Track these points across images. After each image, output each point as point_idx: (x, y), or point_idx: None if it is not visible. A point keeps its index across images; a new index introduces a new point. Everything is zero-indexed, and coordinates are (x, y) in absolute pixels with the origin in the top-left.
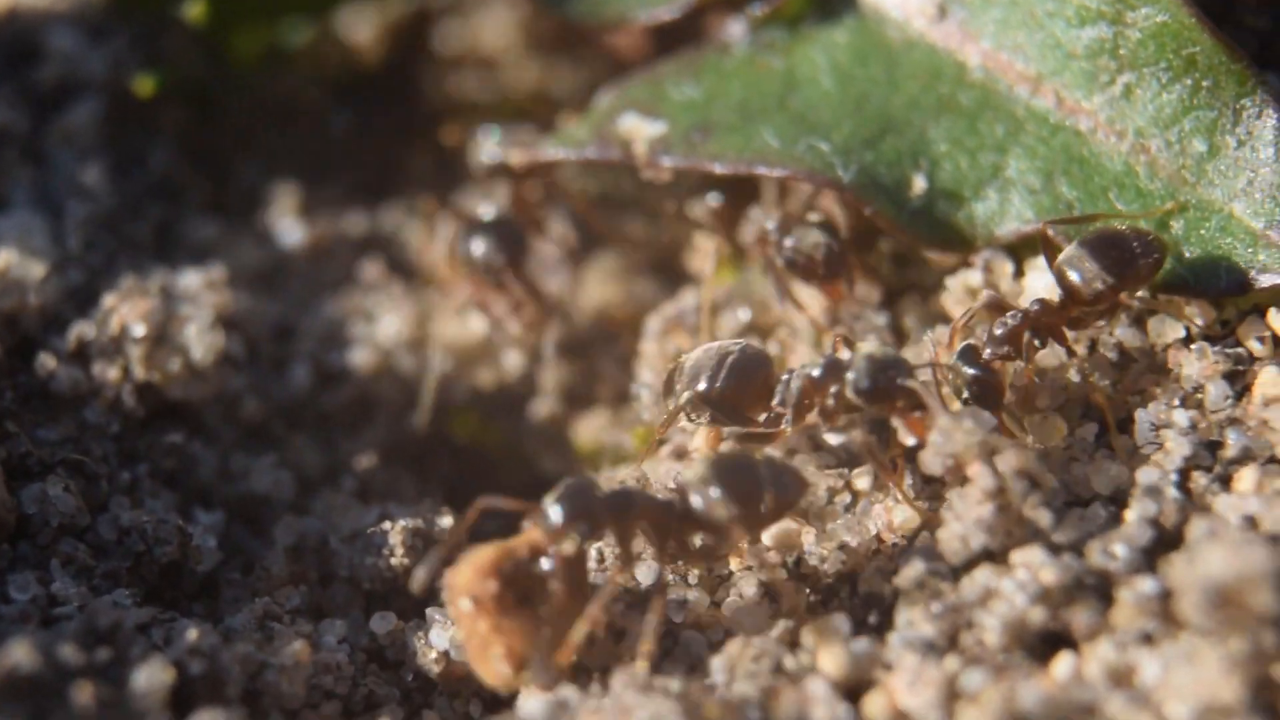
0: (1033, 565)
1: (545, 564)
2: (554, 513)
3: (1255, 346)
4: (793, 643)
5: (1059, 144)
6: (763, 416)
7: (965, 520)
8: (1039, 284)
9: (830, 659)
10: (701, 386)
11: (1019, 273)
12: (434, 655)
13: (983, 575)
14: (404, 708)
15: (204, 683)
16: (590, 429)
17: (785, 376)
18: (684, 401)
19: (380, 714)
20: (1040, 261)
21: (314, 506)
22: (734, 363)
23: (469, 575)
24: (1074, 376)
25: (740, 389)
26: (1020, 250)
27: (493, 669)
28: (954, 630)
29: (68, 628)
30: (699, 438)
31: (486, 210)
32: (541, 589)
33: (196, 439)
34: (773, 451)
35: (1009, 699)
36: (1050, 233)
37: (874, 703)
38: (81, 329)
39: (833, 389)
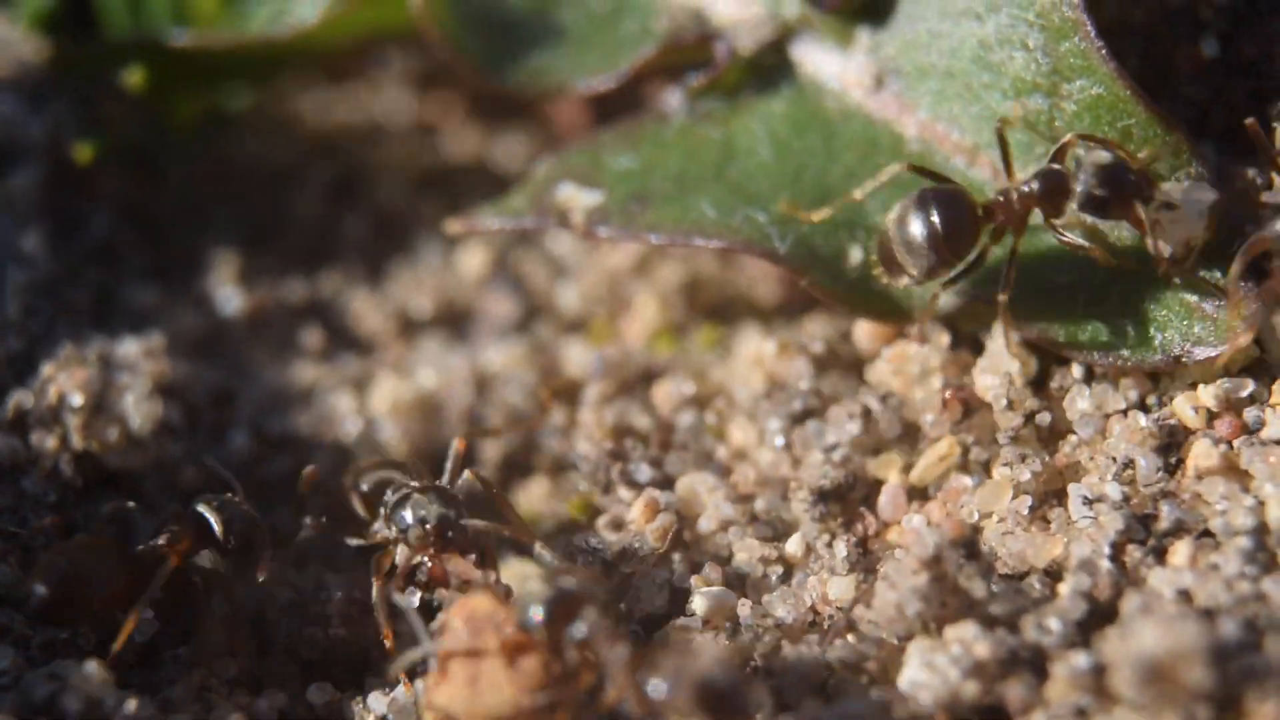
0: (966, 640)
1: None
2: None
3: (1189, 419)
4: None
5: None
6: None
7: (900, 589)
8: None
9: None
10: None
11: (955, 342)
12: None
13: (917, 649)
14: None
15: None
16: (529, 498)
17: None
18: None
19: None
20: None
21: (251, 573)
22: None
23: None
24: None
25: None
26: (957, 320)
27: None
28: (888, 705)
29: (4, 699)
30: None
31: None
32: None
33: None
34: None
35: None
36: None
37: None
38: (19, 398)
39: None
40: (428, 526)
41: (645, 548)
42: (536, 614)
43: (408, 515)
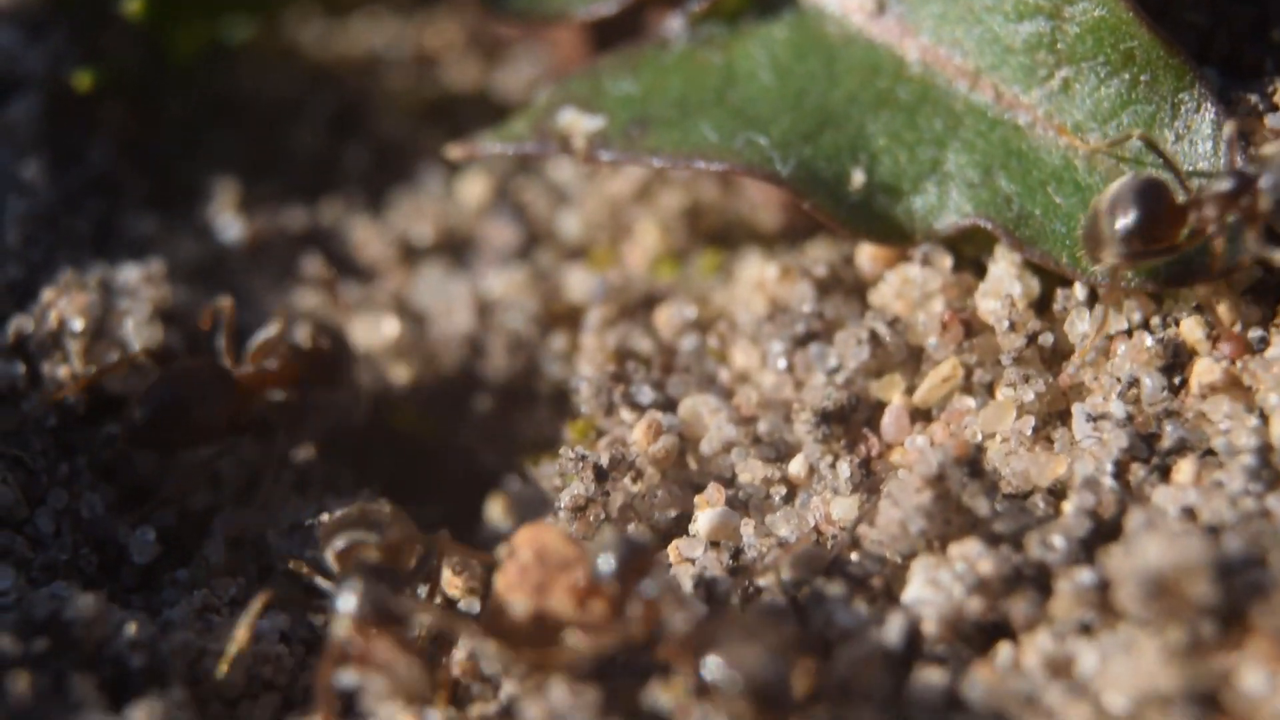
0: (970, 557)
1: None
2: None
3: (1192, 339)
4: None
5: (997, 138)
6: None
7: (904, 507)
8: (1001, 272)
9: None
10: (1122, 223)
11: (957, 265)
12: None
13: (921, 566)
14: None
15: (144, 674)
16: (531, 423)
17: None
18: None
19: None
20: (1003, 252)
21: (252, 499)
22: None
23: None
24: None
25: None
26: (959, 244)
27: None
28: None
29: (5, 619)
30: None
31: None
32: None
33: None
34: None
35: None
36: None
37: None
38: (20, 323)
39: (1244, 202)
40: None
41: (646, 465)
42: (608, 563)
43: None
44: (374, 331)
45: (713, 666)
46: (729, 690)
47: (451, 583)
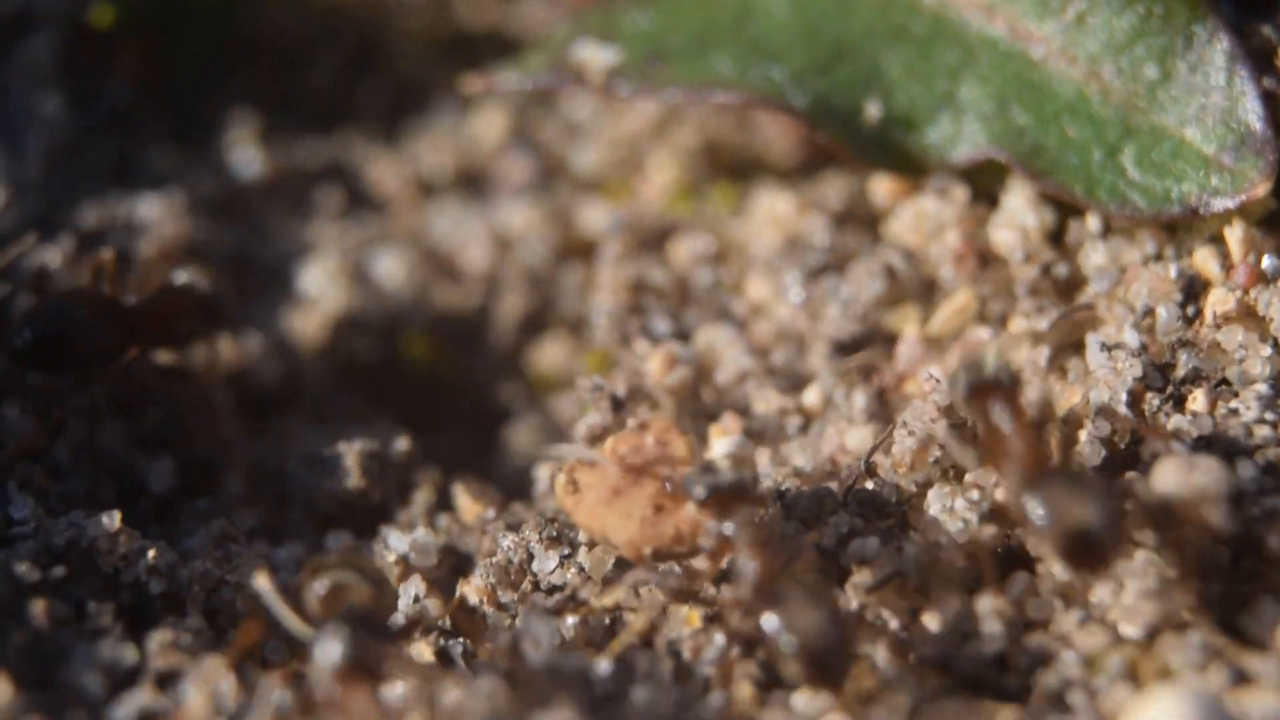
0: (985, 485)
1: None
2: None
3: (1206, 269)
4: None
5: (1011, 71)
6: None
7: (920, 435)
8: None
9: None
10: None
11: (972, 198)
12: (393, 559)
13: (936, 495)
14: None
15: (162, 601)
16: (547, 356)
17: None
18: None
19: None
20: (1018, 184)
21: (270, 430)
22: None
23: None
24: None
25: None
26: (974, 176)
27: None
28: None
29: (24, 547)
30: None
31: None
32: None
33: None
34: None
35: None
36: None
37: None
38: (42, 256)
39: None
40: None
41: (662, 395)
42: (699, 491)
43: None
44: (391, 266)
45: (770, 621)
46: (785, 650)
47: (469, 509)
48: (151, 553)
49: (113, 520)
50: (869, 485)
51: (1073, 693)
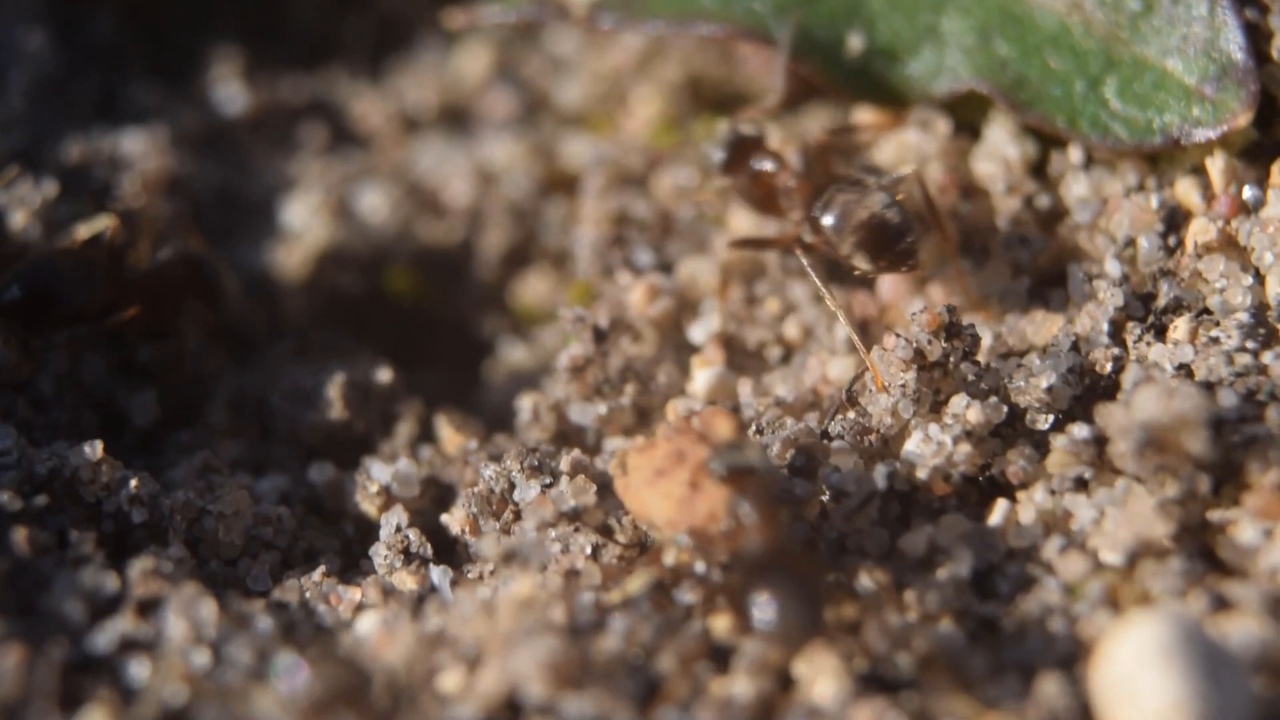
0: (962, 411)
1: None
2: None
3: (1188, 200)
4: None
5: (994, 3)
6: None
7: (892, 389)
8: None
9: None
10: None
11: (954, 130)
12: (375, 490)
13: (916, 423)
14: (342, 558)
15: (144, 530)
16: (530, 289)
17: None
18: None
19: (319, 563)
20: (1000, 116)
21: (254, 363)
22: None
23: None
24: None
25: None
26: (956, 108)
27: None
28: (891, 475)
29: (6, 476)
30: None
31: None
32: None
33: None
34: None
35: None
36: None
37: None
38: (22, 191)
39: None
40: None
41: (644, 326)
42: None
43: None
44: (374, 201)
45: (760, 602)
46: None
47: (451, 440)
48: (133, 482)
49: (95, 450)
50: (850, 415)
51: (1053, 619)
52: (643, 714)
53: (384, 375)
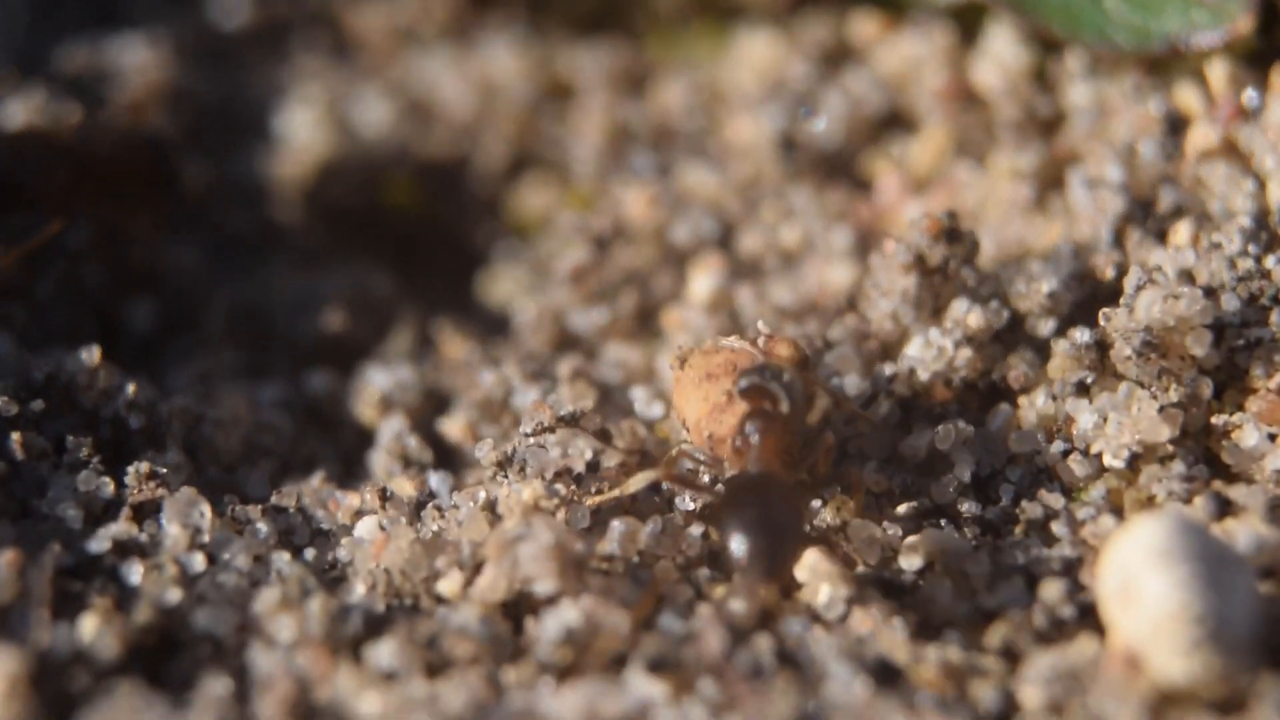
0: (962, 315)
1: None
2: None
3: (1189, 105)
4: None
5: None
6: None
7: (891, 296)
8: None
9: None
10: None
11: (954, 36)
12: (374, 397)
13: (916, 328)
14: (341, 465)
15: (142, 436)
16: (529, 199)
17: None
18: None
19: (317, 470)
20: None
21: (254, 272)
22: None
23: None
24: None
25: None
26: (956, 14)
27: None
28: (893, 377)
29: (2, 382)
30: None
31: None
32: None
33: None
34: None
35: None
36: None
37: None
38: (24, 99)
39: None
40: None
41: (644, 234)
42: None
43: None
44: (374, 112)
45: (732, 535)
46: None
47: (450, 348)
48: (131, 388)
49: (92, 355)
50: (850, 320)
51: (1055, 523)
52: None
53: (383, 284)
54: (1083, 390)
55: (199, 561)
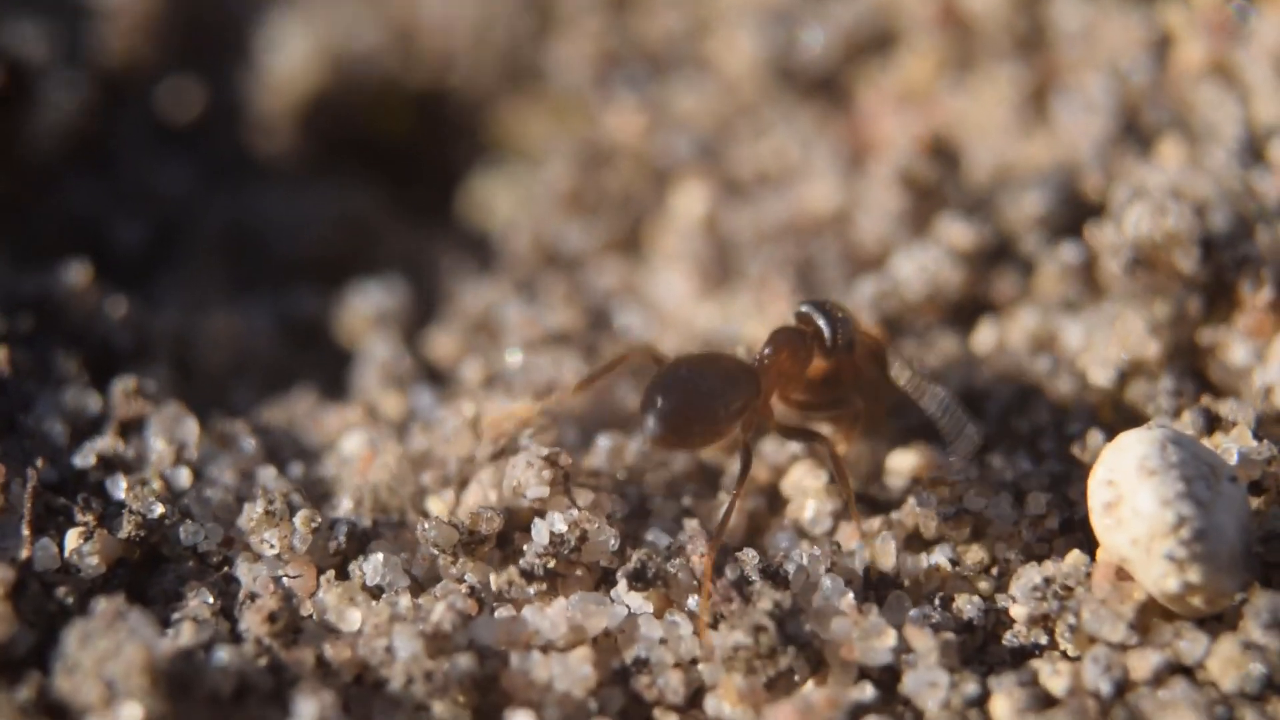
0: (949, 232)
1: None
2: None
3: (1176, 24)
4: None
5: None
6: None
7: (880, 211)
8: None
9: None
10: None
11: None
12: (361, 315)
13: (904, 246)
14: (328, 382)
15: (129, 354)
16: (519, 114)
17: None
18: None
19: (304, 387)
20: None
21: (242, 193)
22: None
23: None
24: None
25: None
26: None
27: None
28: (879, 295)
29: None
30: None
31: None
32: None
33: None
34: None
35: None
36: None
37: None
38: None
39: None
40: None
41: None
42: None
43: None
44: (363, 37)
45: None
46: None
47: (438, 267)
48: (121, 304)
49: (81, 273)
50: (837, 237)
51: (1043, 439)
52: (629, 534)
53: (371, 205)
54: (1070, 307)
55: (185, 476)
